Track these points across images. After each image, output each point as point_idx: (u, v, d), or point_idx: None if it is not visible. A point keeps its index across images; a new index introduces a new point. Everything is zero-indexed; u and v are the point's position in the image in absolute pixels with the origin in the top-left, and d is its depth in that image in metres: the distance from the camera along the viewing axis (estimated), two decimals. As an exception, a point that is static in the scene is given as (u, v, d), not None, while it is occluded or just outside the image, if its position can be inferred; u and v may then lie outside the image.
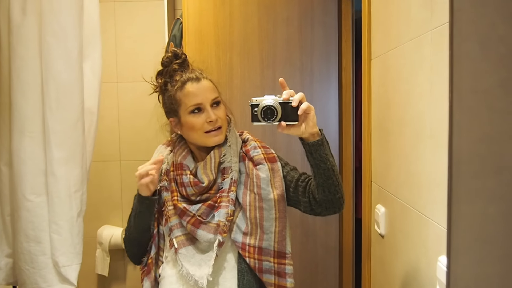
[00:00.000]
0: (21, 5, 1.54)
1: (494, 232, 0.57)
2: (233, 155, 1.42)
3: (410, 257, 1.36)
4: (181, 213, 1.38)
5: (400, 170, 1.44)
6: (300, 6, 2.25)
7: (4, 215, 1.69)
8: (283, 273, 1.37)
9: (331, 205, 1.32)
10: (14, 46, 1.55)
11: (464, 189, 0.56)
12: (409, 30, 1.32)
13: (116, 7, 2.68)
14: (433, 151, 1.16)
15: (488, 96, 0.54)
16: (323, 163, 1.26)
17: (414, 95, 1.30)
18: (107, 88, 2.61)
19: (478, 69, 0.55)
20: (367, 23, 1.76)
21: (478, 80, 0.55)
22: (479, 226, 0.56)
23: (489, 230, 0.57)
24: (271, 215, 1.36)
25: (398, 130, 1.45)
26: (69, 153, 1.58)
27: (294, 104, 1.22)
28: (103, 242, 2.68)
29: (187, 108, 1.40)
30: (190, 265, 1.36)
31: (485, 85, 0.55)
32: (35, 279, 1.59)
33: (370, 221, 1.82)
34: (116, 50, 2.69)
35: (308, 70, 2.27)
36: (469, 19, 0.54)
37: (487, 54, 0.55)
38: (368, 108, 1.78)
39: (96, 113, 1.80)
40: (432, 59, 1.16)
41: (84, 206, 1.66)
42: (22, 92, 1.55)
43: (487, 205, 0.56)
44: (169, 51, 1.49)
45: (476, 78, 0.55)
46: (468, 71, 0.54)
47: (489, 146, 0.55)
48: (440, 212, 1.12)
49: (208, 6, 2.27)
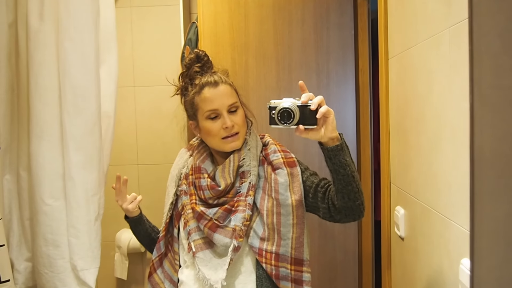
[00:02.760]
0: (39, 11, 1.56)
1: (519, 234, 0.55)
2: (252, 159, 1.41)
3: (431, 260, 1.33)
4: (198, 217, 1.38)
5: (420, 171, 1.41)
6: (315, 7, 2.24)
7: (23, 219, 1.71)
8: (300, 281, 1.35)
9: (350, 212, 1.28)
10: (32, 51, 1.57)
11: (487, 189, 0.54)
12: (426, 28, 1.30)
13: (132, 12, 2.70)
14: (453, 150, 1.14)
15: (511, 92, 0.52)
16: (343, 168, 1.23)
17: (433, 94, 1.27)
18: (124, 92, 2.63)
19: (500, 64, 0.53)
20: (384, 23, 1.74)
21: (499, 75, 0.53)
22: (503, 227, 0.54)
23: (513, 232, 0.55)
24: (288, 221, 1.34)
25: (417, 130, 1.43)
26: (86, 157, 1.59)
27: (312, 108, 1.19)
28: (122, 246, 2.69)
29: (203, 114, 1.40)
30: (207, 269, 1.35)
31: (507, 81, 0.53)
32: (54, 283, 1.60)
33: (389, 223, 1.79)
34: (132, 54, 2.71)
35: (325, 72, 2.25)
36: (489, 13, 0.52)
37: (508, 49, 0.53)
38: (386, 108, 1.76)
39: (113, 117, 1.81)
40: (451, 57, 1.13)
41: (101, 210, 1.67)
42: (40, 97, 1.57)
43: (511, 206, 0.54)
44: (193, 52, 1.49)
45: (497, 74, 0.53)
46: (489, 66, 0.53)
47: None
48: (462, 213, 1.09)
49: (223, 9, 2.27)
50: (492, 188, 0.54)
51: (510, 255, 0.55)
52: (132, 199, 1.58)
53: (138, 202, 1.59)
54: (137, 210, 1.59)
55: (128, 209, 1.57)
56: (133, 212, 1.58)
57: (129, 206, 1.57)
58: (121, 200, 1.57)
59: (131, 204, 1.57)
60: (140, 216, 1.60)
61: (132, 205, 1.57)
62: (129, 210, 1.57)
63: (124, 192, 1.58)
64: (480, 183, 0.54)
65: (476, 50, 0.53)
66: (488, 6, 0.53)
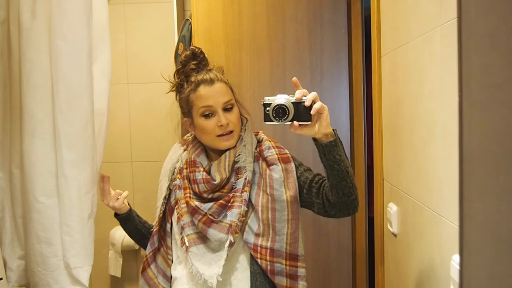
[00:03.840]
0: (31, 8, 1.55)
1: (507, 230, 0.56)
2: (247, 155, 1.41)
3: (423, 256, 1.34)
4: (192, 211, 1.38)
5: (412, 168, 1.42)
6: (309, 4, 2.24)
7: (16, 217, 1.70)
8: (295, 276, 1.36)
9: (345, 207, 1.29)
10: (24, 49, 1.56)
11: (476, 187, 0.55)
12: (418, 26, 1.30)
13: (125, 9, 2.69)
14: (444, 148, 1.15)
15: (499, 90, 0.52)
16: (337, 164, 1.24)
17: (424, 92, 1.28)
18: (117, 89, 2.63)
19: (488, 63, 0.53)
20: (376, 20, 1.74)
21: (488, 74, 0.53)
22: (492, 224, 0.55)
23: (502, 228, 0.56)
24: (283, 217, 1.34)
25: (409, 127, 1.43)
26: (79, 154, 1.58)
27: (307, 104, 1.20)
28: (116, 243, 2.69)
29: (198, 111, 1.40)
30: (200, 264, 1.36)
31: (496, 79, 0.53)
32: (47, 281, 1.59)
33: (382, 220, 1.80)
34: (126, 51, 2.71)
35: (318, 68, 2.26)
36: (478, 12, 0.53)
37: (497, 48, 0.53)
38: (379, 105, 1.76)
39: (106, 114, 1.80)
40: (442, 55, 1.14)
41: (95, 208, 1.66)
42: (32, 95, 1.56)
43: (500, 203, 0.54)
44: (189, 49, 1.49)
45: (486, 72, 0.53)
46: (477, 65, 0.53)
47: (501, 142, 0.54)
48: (453, 210, 1.10)
49: (217, 6, 2.27)
50: (480, 185, 0.55)
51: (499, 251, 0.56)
52: (116, 196, 1.58)
53: (124, 198, 1.58)
54: (126, 207, 1.60)
55: (115, 207, 1.57)
56: (121, 209, 1.58)
57: (116, 203, 1.57)
58: (106, 199, 1.59)
59: (117, 202, 1.57)
60: (129, 213, 1.60)
61: (118, 202, 1.57)
62: (116, 207, 1.58)
63: (107, 190, 1.59)
64: (469, 180, 0.55)
65: (464, 49, 0.54)
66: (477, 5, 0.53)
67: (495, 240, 0.54)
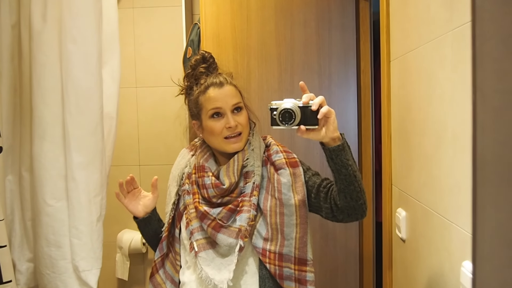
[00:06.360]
0: (42, 12, 1.57)
1: (521, 237, 0.55)
2: (256, 159, 1.41)
3: (432, 262, 1.33)
4: (201, 216, 1.38)
5: (421, 173, 1.41)
6: (317, 9, 2.24)
7: (25, 220, 1.72)
8: (303, 280, 1.35)
9: (353, 211, 1.29)
10: (35, 53, 1.57)
11: (490, 193, 0.54)
12: (429, 31, 1.30)
13: (134, 13, 2.71)
14: (455, 153, 1.14)
15: (514, 96, 0.52)
16: (344, 168, 1.23)
17: (435, 97, 1.28)
18: (126, 93, 2.64)
19: (503, 68, 0.53)
20: (386, 25, 1.74)
21: (502, 79, 0.53)
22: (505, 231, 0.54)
23: (516, 235, 0.55)
24: (291, 221, 1.34)
25: (419, 132, 1.43)
26: (88, 158, 1.59)
27: (313, 108, 1.20)
28: (123, 247, 2.70)
29: (207, 112, 1.40)
30: (209, 269, 1.35)
31: (510, 85, 0.53)
32: (56, 284, 1.60)
33: (391, 225, 1.79)
34: (135, 55, 2.72)
35: (326, 73, 2.26)
36: (492, 17, 0.52)
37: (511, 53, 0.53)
38: (388, 110, 1.76)
39: (115, 118, 1.81)
40: (453, 60, 1.13)
41: (103, 211, 1.67)
42: (42, 98, 1.58)
43: (513, 209, 0.54)
44: (199, 53, 1.51)
45: (500, 78, 0.53)
46: (491, 70, 0.53)
47: (515, 148, 0.53)
48: (464, 216, 1.09)
49: (226, 11, 2.27)
50: (494, 191, 0.54)
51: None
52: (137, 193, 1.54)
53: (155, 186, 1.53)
54: (146, 209, 1.54)
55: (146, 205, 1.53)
56: (146, 209, 1.53)
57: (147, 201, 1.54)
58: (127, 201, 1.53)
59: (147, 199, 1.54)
60: (150, 216, 1.54)
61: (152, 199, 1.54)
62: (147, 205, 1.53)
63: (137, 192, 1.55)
64: (482, 186, 0.54)
65: (478, 54, 0.54)
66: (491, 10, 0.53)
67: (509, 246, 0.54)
